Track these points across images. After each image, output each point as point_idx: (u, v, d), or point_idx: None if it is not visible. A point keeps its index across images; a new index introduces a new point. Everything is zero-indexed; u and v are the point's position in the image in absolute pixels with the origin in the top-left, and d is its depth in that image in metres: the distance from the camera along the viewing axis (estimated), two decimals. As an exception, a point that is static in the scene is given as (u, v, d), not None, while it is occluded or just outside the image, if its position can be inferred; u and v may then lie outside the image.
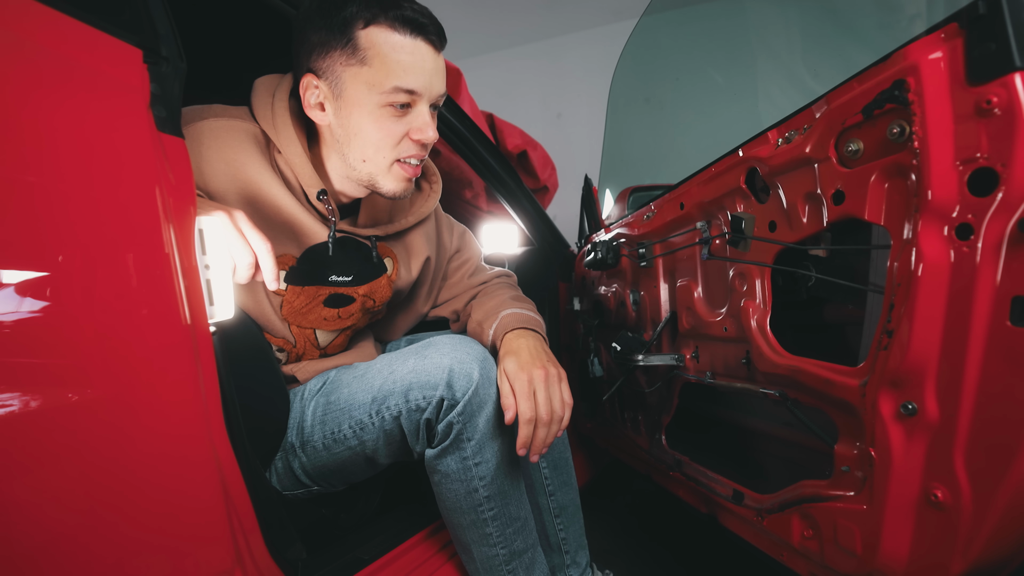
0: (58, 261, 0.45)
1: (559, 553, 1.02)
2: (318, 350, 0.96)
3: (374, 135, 0.79)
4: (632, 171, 2.10)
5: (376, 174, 0.82)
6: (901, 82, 0.54)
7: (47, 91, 0.47)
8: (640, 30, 1.85)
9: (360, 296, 0.94)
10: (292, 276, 0.87)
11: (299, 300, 0.89)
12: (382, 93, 0.76)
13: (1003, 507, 0.50)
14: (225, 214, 0.63)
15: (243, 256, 0.63)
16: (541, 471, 1.02)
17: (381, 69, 0.75)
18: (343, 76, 0.77)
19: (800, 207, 0.71)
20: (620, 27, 2.10)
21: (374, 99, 0.76)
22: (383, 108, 0.77)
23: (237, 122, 0.80)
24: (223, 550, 0.60)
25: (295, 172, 0.82)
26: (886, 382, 0.58)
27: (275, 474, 0.89)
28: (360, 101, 0.77)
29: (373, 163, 0.81)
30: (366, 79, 0.76)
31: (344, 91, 0.77)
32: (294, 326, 0.91)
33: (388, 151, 0.80)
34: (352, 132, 0.80)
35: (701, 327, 0.95)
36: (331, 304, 0.92)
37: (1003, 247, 0.48)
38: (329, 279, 0.90)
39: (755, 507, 0.84)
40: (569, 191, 2.15)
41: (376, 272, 0.95)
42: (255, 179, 0.80)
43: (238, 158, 0.79)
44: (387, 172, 0.82)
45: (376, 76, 0.75)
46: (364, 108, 0.77)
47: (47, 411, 0.44)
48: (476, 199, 1.76)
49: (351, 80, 0.76)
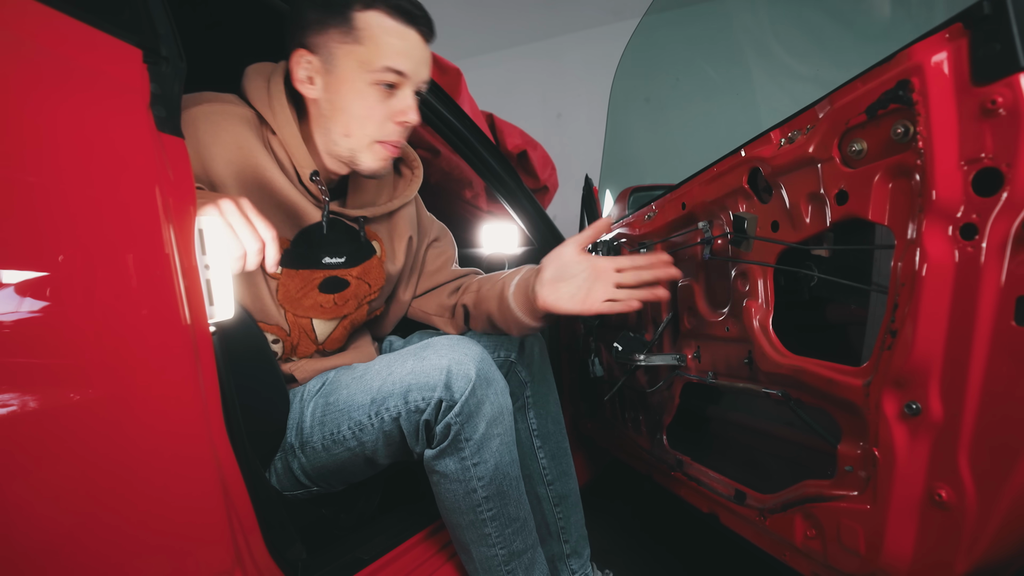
0: (58, 261, 0.45)
1: (559, 542, 1.02)
2: (315, 344, 0.96)
3: (359, 111, 0.82)
4: (633, 171, 2.10)
5: (356, 150, 0.85)
6: (905, 82, 0.54)
7: (47, 91, 0.46)
8: (641, 30, 1.85)
9: (354, 279, 0.94)
10: (287, 259, 0.87)
11: (293, 284, 0.88)
12: (372, 71, 0.80)
13: (1007, 506, 0.50)
14: (231, 201, 0.64)
15: (252, 243, 0.65)
16: (539, 461, 1.02)
17: (374, 49, 0.79)
18: (336, 52, 0.80)
19: (803, 207, 0.71)
20: (620, 27, 2.10)
21: (364, 76, 0.80)
22: (371, 86, 0.81)
23: (230, 106, 0.83)
24: (223, 550, 0.59)
25: (289, 153, 0.85)
26: (890, 382, 0.58)
27: (274, 474, 0.88)
28: (350, 77, 0.81)
29: (355, 139, 0.84)
30: (359, 57, 0.80)
31: (336, 66, 0.81)
32: (290, 314, 0.90)
33: (372, 128, 0.84)
34: (339, 106, 0.83)
35: (703, 327, 0.95)
36: (326, 289, 0.91)
37: (1008, 247, 0.48)
38: (322, 261, 0.90)
39: (757, 507, 0.84)
40: (569, 191, 2.15)
41: (366, 253, 0.96)
42: (252, 161, 0.82)
43: (235, 141, 0.81)
44: (367, 149, 0.85)
45: (369, 55, 0.80)
46: (354, 84, 0.81)
47: (47, 411, 0.44)
48: (476, 199, 1.76)
49: (344, 57, 0.80)
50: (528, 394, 1.05)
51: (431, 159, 1.56)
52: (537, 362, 1.05)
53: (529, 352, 1.05)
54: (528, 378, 1.04)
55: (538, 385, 1.05)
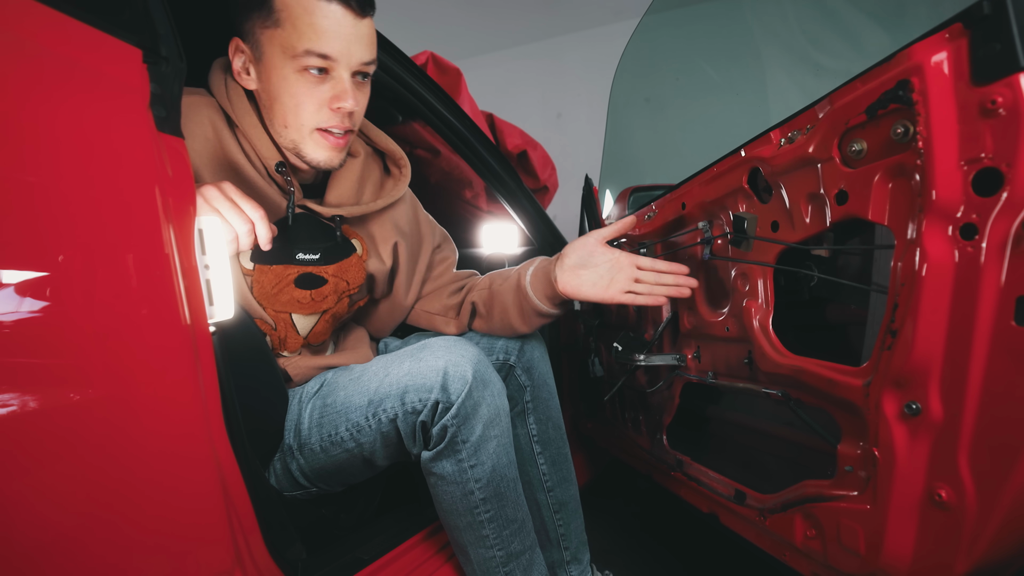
0: (58, 261, 0.45)
1: (559, 549, 1.02)
2: (300, 337, 0.94)
3: (289, 100, 0.78)
4: (633, 171, 2.10)
5: (298, 141, 0.81)
6: (905, 82, 0.54)
7: (47, 91, 0.46)
8: (641, 30, 1.85)
9: (331, 277, 0.91)
10: (257, 254, 0.85)
11: (267, 279, 0.86)
12: (295, 57, 0.75)
13: (1007, 507, 0.50)
14: (212, 187, 0.65)
15: (240, 224, 0.65)
16: (539, 467, 1.02)
17: (293, 32, 0.74)
18: (260, 39, 0.77)
19: (803, 207, 0.71)
20: (620, 27, 2.10)
21: (288, 63, 0.76)
22: (298, 73, 0.76)
23: (198, 98, 0.82)
24: (223, 550, 0.59)
25: (253, 144, 0.83)
26: (890, 382, 0.58)
27: (273, 475, 0.88)
28: (276, 64, 0.76)
29: (294, 129, 0.80)
30: (280, 41, 0.75)
31: (263, 54, 0.77)
32: (270, 309, 0.89)
33: (307, 117, 0.79)
34: (273, 96, 0.79)
35: (703, 327, 0.95)
36: (302, 285, 0.89)
37: (1008, 247, 0.48)
38: (296, 257, 0.88)
39: (757, 507, 0.84)
40: (569, 191, 2.15)
41: (343, 252, 0.93)
42: (224, 151, 0.82)
43: (205, 132, 0.81)
44: (308, 139, 0.81)
45: (289, 38, 0.74)
46: (280, 72, 0.77)
47: (47, 411, 0.44)
48: (476, 199, 1.76)
49: (267, 43, 0.76)
50: (528, 399, 1.03)
51: (431, 159, 1.56)
52: (537, 366, 1.04)
53: (529, 356, 1.03)
54: (528, 382, 1.03)
55: (538, 390, 1.04)
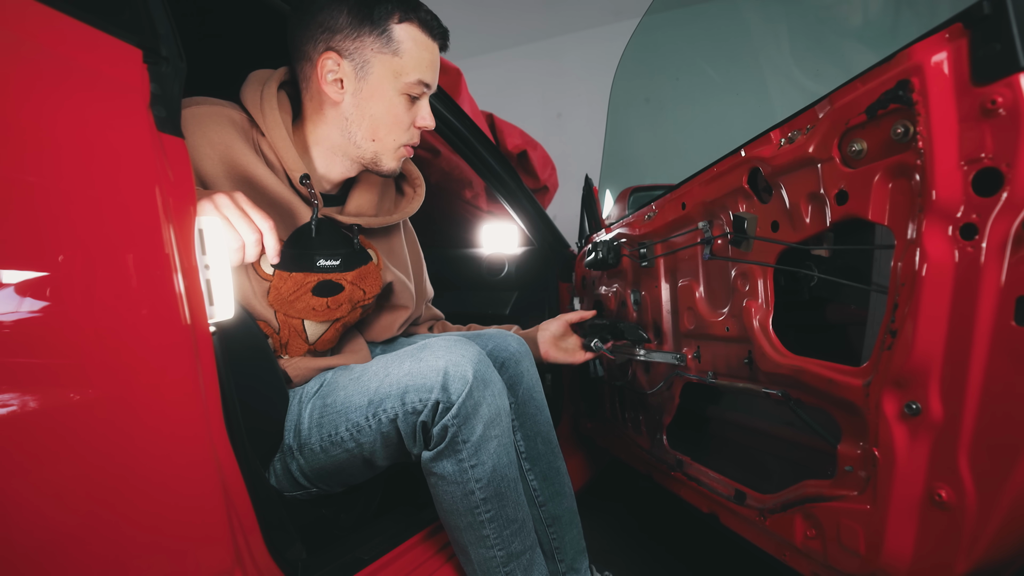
0: (58, 261, 0.45)
1: (553, 561, 1.01)
2: (306, 344, 0.94)
3: (389, 118, 0.88)
4: (633, 171, 2.10)
5: (382, 152, 0.90)
6: (905, 82, 0.54)
7: (47, 91, 0.46)
8: (642, 30, 1.85)
9: (349, 284, 0.93)
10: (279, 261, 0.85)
11: (286, 286, 0.87)
12: (406, 83, 0.86)
13: (1007, 506, 0.50)
14: (224, 195, 0.66)
15: (249, 234, 0.66)
16: (530, 483, 1.00)
17: (410, 62, 0.85)
18: (372, 61, 0.84)
19: (803, 207, 0.71)
20: (620, 27, 2.10)
21: (397, 86, 0.86)
22: (401, 96, 0.87)
23: (218, 107, 0.84)
24: (223, 550, 0.59)
25: (279, 155, 0.86)
26: (890, 382, 0.58)
27: (273, 475, 0.88)
28: (383, 85, 0.86)
29: (382, 143, 0.89)
30: (395, 68, 0.85)
31: (370, 74, 0.85)
32: (280, 314, 0.89)
33: (399, 134, 0.90)
34: (368, 112, 0.87)
35: (703, 327, 0.95)
36: (320, 293, 0.91)
37: (1008, 247, 0.48)
38: (317, 264, 0.90)
39: (757, 507, 0.84)
40: (569, 191, 2.15)
41: (362, 260, 0.96)
42: (241, 160, 0.83)
43: (223, 140, 0.82)
44: (392, 152, 0.91)
45: (405, 67, 0.85)
46: (385, 92, 0.86)
47: (47, 411, 0.44)
48: (476, 199, 1.76)
49: (380, 66, 0.85)
50: (513, 417, 0.99)
51: (431, 159, 1.56)
52: (523, 381, 1.00)
53: (513, 372, 1.00)
54: (512, 399, 0.99)
55: (524, 406, 1.00)
